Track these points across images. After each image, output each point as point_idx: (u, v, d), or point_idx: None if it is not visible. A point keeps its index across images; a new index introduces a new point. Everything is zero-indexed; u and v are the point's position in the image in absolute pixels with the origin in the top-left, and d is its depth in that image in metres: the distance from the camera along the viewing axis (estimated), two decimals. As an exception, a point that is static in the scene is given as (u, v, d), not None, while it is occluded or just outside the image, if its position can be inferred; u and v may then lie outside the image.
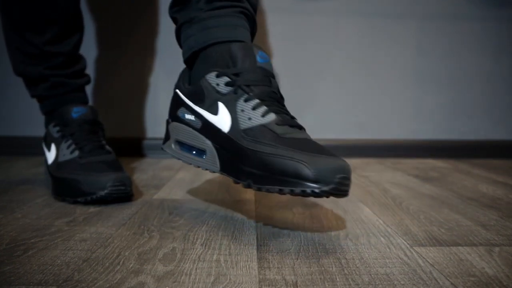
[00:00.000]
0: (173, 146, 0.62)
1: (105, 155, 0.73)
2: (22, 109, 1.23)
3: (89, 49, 1.23)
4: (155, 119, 1.24)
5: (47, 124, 0.83)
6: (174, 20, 0.66)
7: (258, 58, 0.55)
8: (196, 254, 0.47)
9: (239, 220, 0.60)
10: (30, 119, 1.23)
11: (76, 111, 0.77)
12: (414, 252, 0.48)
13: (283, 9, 1.22)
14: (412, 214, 0.63)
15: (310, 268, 0.43)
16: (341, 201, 0.71)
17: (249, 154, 0.50)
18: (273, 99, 0.54)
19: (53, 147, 0.77)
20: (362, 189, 0.81)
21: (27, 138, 1.21)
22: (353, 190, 0.79)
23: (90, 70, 1.23)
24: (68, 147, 0.74)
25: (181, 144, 0.61)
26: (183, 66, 0.65)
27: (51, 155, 0.77)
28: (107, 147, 0.76)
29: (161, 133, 1.25)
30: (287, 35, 1.23)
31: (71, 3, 0.79)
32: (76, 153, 0.72)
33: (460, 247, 0.49)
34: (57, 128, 0.77)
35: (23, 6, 0.74)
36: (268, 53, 1.23)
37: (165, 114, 1.20)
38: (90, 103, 1.23)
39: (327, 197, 0.46)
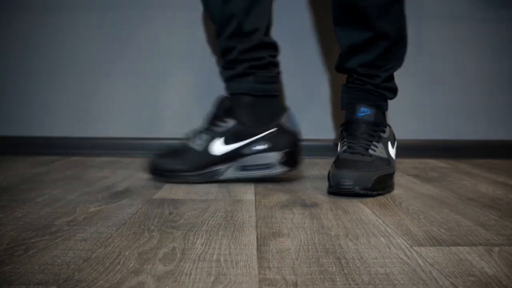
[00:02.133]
0: None
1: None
2: (22, 109, 1.24)
3: (90, 47, 1.23)
4: (157, 119, 1.24)
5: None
6: None
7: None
8: (196, 254, 0.47)
9: (239, 220, 0.60)
10: (30, 119, 1.23)
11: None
12: (414, 252, 0.48)
13: (284, 9, 1.22)
14: (412, 214, 0.63)
15: (310, 268, 0.43)
16: (341, 201, 0.71)
17: None
18: None
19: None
20: (362, 189, 0.81)
21: (27, 138, 1.21)
22: (353, 190, 0.79)
23: (90, 69, 1.24)
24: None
25: None
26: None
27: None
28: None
29: (164, 133, 1.26)
30: (287, 36, 1.23)
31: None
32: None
33: (460, 247, 0.49)
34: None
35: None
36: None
37: (166, 113, 1.20)
38: (91, 101, 1.24)
39: None
